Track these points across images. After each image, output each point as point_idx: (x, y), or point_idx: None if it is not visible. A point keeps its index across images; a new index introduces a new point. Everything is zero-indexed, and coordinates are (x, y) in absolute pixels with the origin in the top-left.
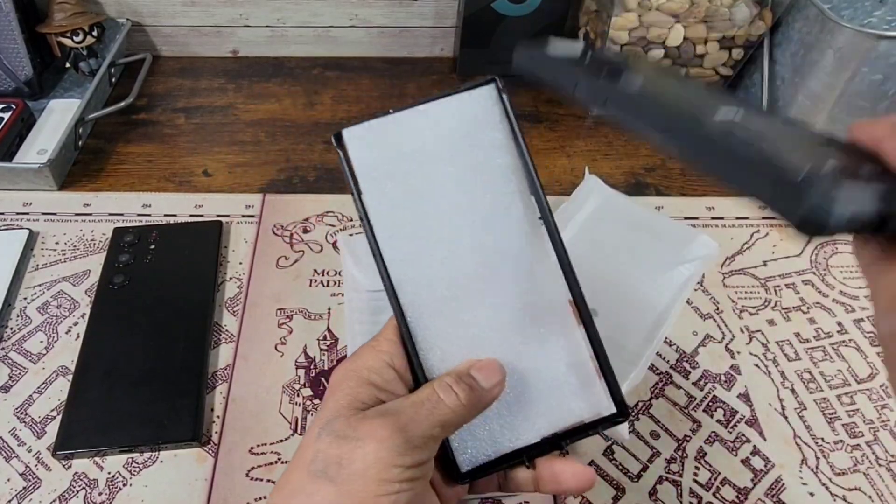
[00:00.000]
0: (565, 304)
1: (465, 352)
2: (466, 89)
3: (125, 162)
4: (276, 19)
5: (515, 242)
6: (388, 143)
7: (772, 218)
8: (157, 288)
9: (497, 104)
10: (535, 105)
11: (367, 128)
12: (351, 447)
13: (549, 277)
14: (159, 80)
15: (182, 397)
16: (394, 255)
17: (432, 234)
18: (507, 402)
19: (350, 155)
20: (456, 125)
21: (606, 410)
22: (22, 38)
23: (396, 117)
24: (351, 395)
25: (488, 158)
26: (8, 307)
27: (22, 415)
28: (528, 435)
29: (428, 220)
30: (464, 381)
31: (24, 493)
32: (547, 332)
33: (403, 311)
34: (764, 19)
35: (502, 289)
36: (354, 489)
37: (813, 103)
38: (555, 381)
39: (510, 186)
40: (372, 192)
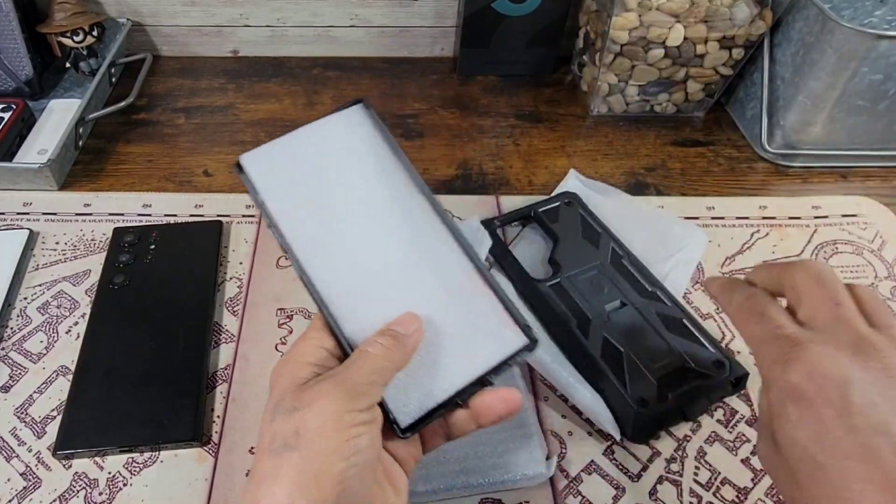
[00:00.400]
0: (470, 272)
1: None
2: (339, 110)
3: (125, 162)
4: (277, 19)
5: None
6: (282, 161)
7: (772, 217)
8: (157, 288)
9: (368, 119)
10: (535, 105)
11: (261, 152)
12: (302, 414)
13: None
14: (159, 79)
15: (182, 397)
16: (306, 254)
17: (336, 230)
18: (432, 359)
19: (251, 176)
20: (337, 138)
21: (520, 344)
22: (22, 38)
23: (284, 139)
24: (290, 377)
25: (369, 163)
26: (8, 307)
27: (22, 415)
28: (456, 382)
29: (330, 218)
30: (385, 333)
31: (24, 492)
32: (458, 296)
33: (325, 301)
34: (764, 19)
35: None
36: (316, 447)
37: (813, 103)
38: (472, 332)
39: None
40: (276, 203)
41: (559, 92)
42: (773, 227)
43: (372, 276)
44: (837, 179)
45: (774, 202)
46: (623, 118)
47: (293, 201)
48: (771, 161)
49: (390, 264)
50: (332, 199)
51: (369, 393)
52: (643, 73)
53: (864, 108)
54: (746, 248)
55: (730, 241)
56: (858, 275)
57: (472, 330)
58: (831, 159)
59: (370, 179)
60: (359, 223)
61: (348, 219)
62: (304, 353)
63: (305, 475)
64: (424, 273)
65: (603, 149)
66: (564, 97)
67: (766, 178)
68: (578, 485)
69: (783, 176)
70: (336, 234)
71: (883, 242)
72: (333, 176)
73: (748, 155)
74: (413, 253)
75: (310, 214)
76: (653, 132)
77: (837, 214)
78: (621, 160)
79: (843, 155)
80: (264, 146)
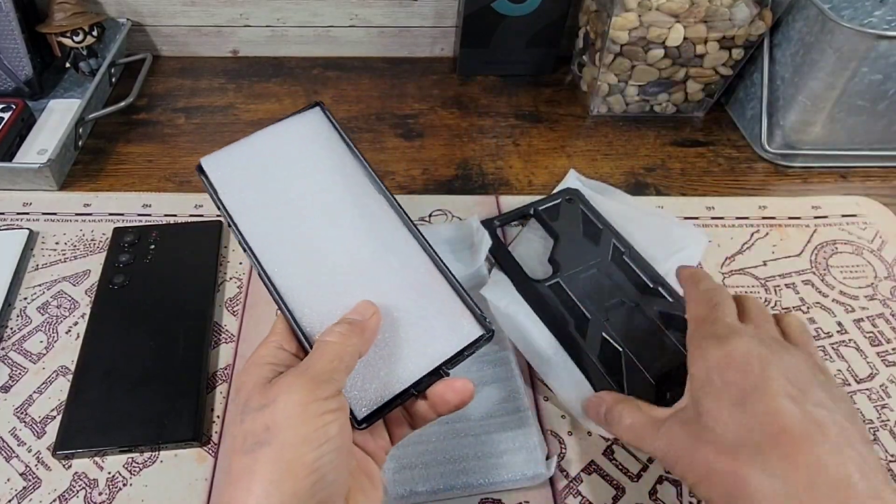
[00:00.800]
0: (427, 265)
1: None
2: (297, 113)
3: (125, 162)
4: (276, 19)
5: (369, 226)
6: (241, 163)
7: (772, 217)
8: (157, 288)
9: (325, 121)
10: (535, 105)
11: (221, 154)
12: (270, 410)
13: (409, 250)
14: (159, 79)
15: (182, 397)
16: (265, 252)
17: (294, 228)
18: (388, 351)
19: (211, 178)
20: (295, 140)
21: (475, 334)
22: (22, 38)
23: (244, 142)
24: (254, 377)
25: (327, 163)
26: (8, 307)
27: (22, 415)
28: (412, 373)
29: (288, 217)
30: (342, 322)
31: (23, 492)
32: (414, 289)
33: (284, 299)
34: (764, 19)
35: (368, 264)
36: (287, 439)
37: (813, 103)
38: (428, 324)
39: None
40: (235, 204)
41: (559, 92)
42: (773, 227)
43: (330, 272)
44: (837, 179)
45: (774, 202)
46: (623, 118)
47: (252, 202)
48: (771, 161)
49: (348, 260)
50: (290, 198)
51: (333, 380)
52: (643, 74)
53: (864, 109)
54: (746, 248)
55: (729, 241)
56: (858, 275)
57: (429, 322)
58: (831, 159)
59: (328, 178)
60: (317, 221)
61: (306, 217)
62: (265, 356)
63: (279, 468)
64: (381, 268)
65: (603, 149)
66: (564, 97)
67: (766, 178)
68: (578, 485)
69: (783, 176)
70: (294, 232)
71: (883, 242)
72: (292, 176)
73: (748, 155)
74: (370, 248)
75: (269, 214)
76: (653, 132)
77: (837, 214)
78: (621, 160)
79: (843, 155)
80: (224, 149)
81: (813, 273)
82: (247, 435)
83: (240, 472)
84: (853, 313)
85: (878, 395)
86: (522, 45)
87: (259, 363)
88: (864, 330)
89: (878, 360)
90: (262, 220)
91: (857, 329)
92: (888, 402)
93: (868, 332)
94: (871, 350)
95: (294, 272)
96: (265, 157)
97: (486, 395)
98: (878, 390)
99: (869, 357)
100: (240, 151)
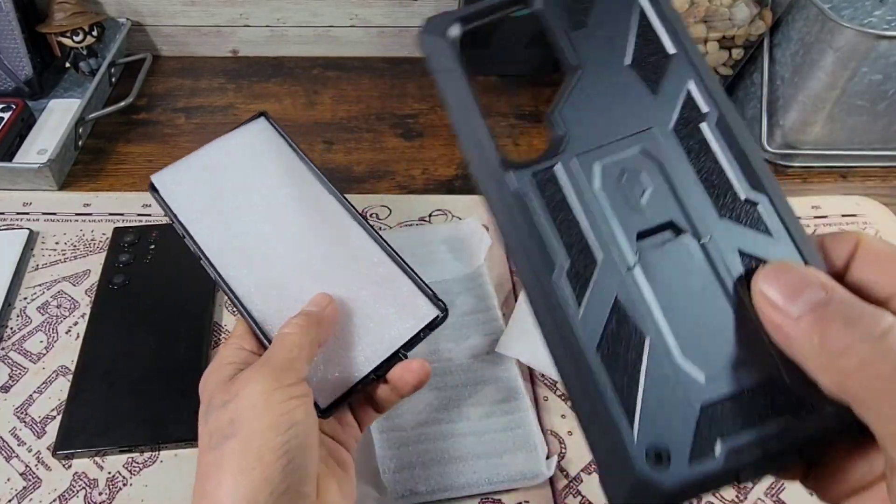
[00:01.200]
0: (379, 255)
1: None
2: (243, 125)
3: (125, 162)
4: (276, 19)
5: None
6: (192, 176)
7: None
8: (157, 288)
9: (270, 129)
10: (535, 105)
11: (171, 171)
12: (234, 404)
13: (361, 243)
14: (159, 79)
15: (182, 397)
16: (220, 259)
17: (247, 233)
18: (347, 340)
19: (163, 194)
20: (242, 149)
21: (431, 315)
22: (22, 38)
23: (193, 156)
24: (217, 377)
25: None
26: (8, 307)
27: (22, 414)
28: (371, 360)
29: (241, 223)
30: (300, 315)
31: (24, 492)
32: (368, 278)
33: (242, 302)
34: (764, 19)
35: (322, 261)
36: (253, 428)
37: (813, 103)
38: (383, 311)
39: (302, 184)
40: (188, 216)
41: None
42: None
43: (286, 272)
44: (837, 179)
45: None
46: None
47: (205, 213)
48: (771, 161)
49: (302, 259)
50: (241, 205)
51: (294, 368)
52: None
53: (864, 108)
54: None
55: None
56: None
57: (385, 308)
58: (831, 159)
59: (276, 184)
60: (268, 225)
61: (258, 222)
62: (225, 357)
63: (247, 456)
64: (334, 262)
65: None
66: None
67: None
68: (578, 485)
69: (783, 176)
70: (248, 238)
71: None
72: (241, 184)
73: None
74: (322, 245)
75: (221, 222)
76: None
77: (837, 214)
78: None
79: (843, 155)
80: (173, 165)
81: None
82: (213, 433)
83: (208, 468)
84: None
85: None
86: (522, 45)
87: (220, 364)
88: None
89: None
90: (216, 229)
91: None
92: None
93: None
94: None
95: (250, 276)
96: (214, 169)
97: (486, 395)
98: None
99: None
100: (189, 165)
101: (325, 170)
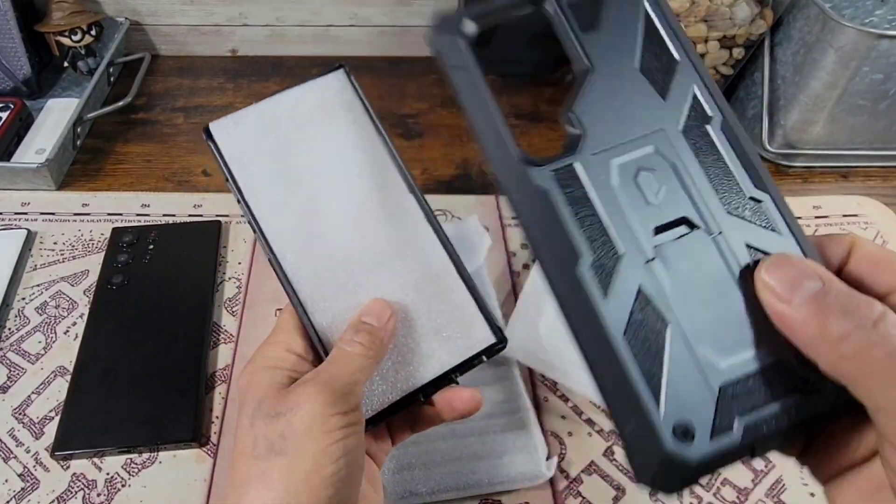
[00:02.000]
0: (444, 261)
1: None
2: (319, 77)
3: (124, 161)
4: (276, 18)
5: (388, 212)
6: (255, 131)
7: None
8: (155, 288)
9: (347, 87)
10: (535, 105)
11: (232, 119)
12: (287, 419)
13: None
14: (158, 79)
15: (181, 398)
16: (276, 233)
17: (309, 208)
18: (399, 351)
19: (219, 145)
20: (314, 108)
21: (487, 342)
22: (20, 37)
23: (259, 106)
24: (267, 381)
25: (347, 136)
26: (6, 307)
27: (20, 415)
28: (420, 377)
29: (303, 195)
30: (360, 329)
31: (22, 493)
32: (430, 286)
33: (294, 289)
34: (765, 18)
35: (383, 254)
36: (304, 451)
37: (814, 103)
38: (440, 326)
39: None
40: (246, 177)
41: (559, 92)
42: None
43: (344, 260)
44: (838, 179)
45: None
46: None
47: (264, 175)
48: (771, 161)
49: (364, 252)
50: (306, 174)
51: (353, 393)
52: None
53: (865, 108)
54: None
55: None
56: None
57: (441, 324)
58: (832, 159)
59: (348, 158)
60: (333, 202)
61: (322, 200)
62: (274, 358)
63: (295, 478)
64: (397, 263)
65: None
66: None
67: None
68: (578, 485)
69: (784, 176)
70: (309, 212)
71: (884, 242)
72: (309, 149)
73: None
74: (387, 240)
75: (281, 190)
76: None
77: (838, 214)
78: None
79: (844, 155)
80: (237, 113)
81: None
82: (258, 439)
83: (250, 477)
84: None
85: None
86: (522, 45)
87: (269, 366)
88: None
89: None
90: (274, 198)
91: None
92: None
93: None
94: None
95: (306, 261)
96: (281, 126)
97: (486, 396)
98: None
99: None
100: (254, 117)
101: None
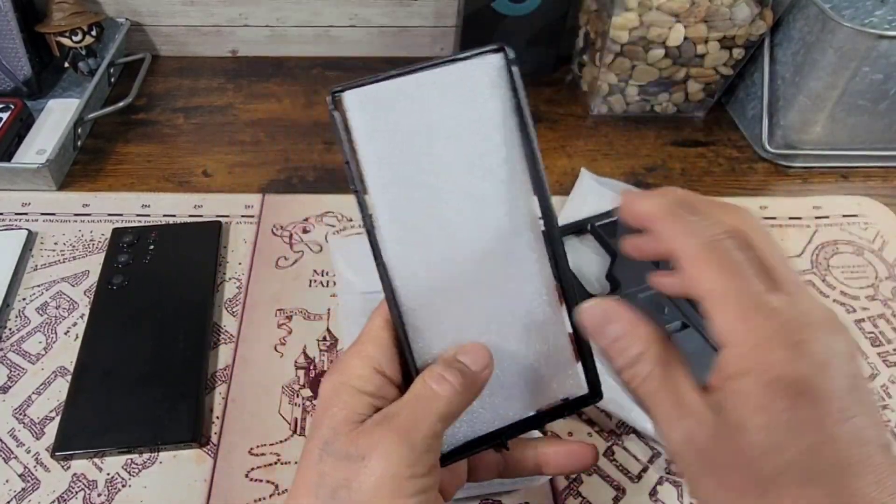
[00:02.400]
0: (552, 299)
1: (453, 336)
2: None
3: (124, 162)
4: (276, 19)
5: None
6: (391, 110)
7: (772, 217)
8: (156, 288)
9: (505, 76)
10: (535, 105)
11: (370, 91)
12: (357, 467)
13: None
14: (158, 79)
15: (181, 398)
16: (390, 235)
17: (432, 214)
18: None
19: (349, 118)
20: (463, 96)
21: (580, 391)
22: (21, 38)
23: (400, 82)
24: (347, 409)
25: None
26: (6, 308)
27: (21, 416)
28: (506, 417)
29: (428, 199)
30: (454, 367)
31: (22, 494)
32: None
33: (398, 299)
34: (764, 19)
35: (493, 273)
36: None
37: (814, 103)
38: (534, 364)
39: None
40: (371, 160)
41: (559, 92)
42: (774, 227)
43: (456, 280)
44: (838, 179)
45: (775, 202)
46: (623, 118)
47: (392, 163)
48: (771, 161)
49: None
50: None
51: (433, 448)
52: (643, 73)
53: (865, 108)
54: None
55: None
56: (859, 275)
57: (535, 362)
58: (832, 159)
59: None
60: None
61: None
62: (360, 378)
63: None
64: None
65: (603, 149)
66: (564, 97)
67: (767, 178)
68: (578, 486)
69: (784, 176)
70: (431, 223)
71: (884, 243)
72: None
73: (748, 155)
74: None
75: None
76: (653, 132)
77: (838, 214)
78: (621, 160)
79: (844, 155)
80: (375, 85)
81: (814, 273)
82: (324, 477)
83: None
84: (854, 314)
85: (879, 395)
86: (522, 45)
87: (353, 388)
88: (865, 331)
89: (879, 360)
90: (398, 189)
91: (857, 329)
92: (889, 403)
93: (869, 332)
94: (872, 350)
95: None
96: (422, 109)
97: None
98: (879, 391)
99: (870, 358)
100: (393, 94)
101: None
